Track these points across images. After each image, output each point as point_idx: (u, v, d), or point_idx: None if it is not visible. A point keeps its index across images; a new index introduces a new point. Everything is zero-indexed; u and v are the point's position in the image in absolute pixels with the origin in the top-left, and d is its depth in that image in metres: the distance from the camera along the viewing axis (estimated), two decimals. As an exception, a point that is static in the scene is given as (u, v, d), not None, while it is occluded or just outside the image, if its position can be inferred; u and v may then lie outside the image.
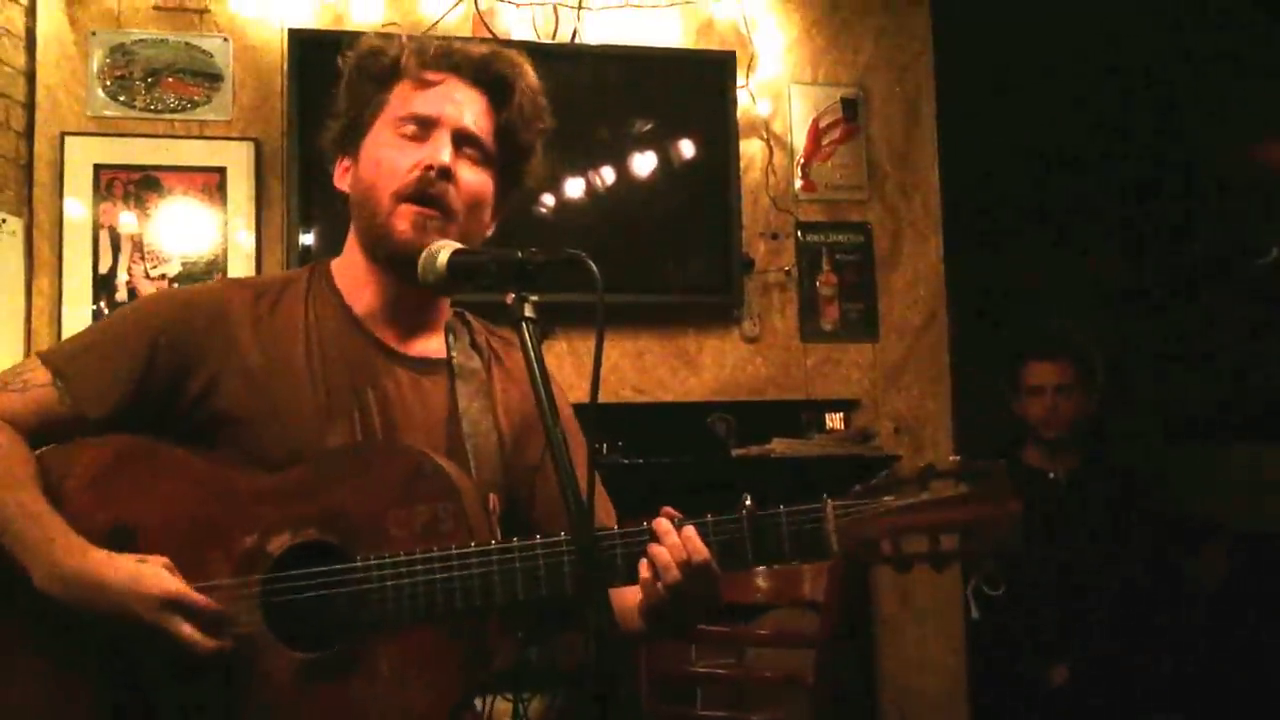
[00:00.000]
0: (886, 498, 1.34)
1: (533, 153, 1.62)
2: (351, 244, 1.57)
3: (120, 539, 1.36)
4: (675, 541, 1.32)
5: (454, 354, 1.57)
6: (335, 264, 1.59)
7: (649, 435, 3.49)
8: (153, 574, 1.30)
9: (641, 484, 3.29)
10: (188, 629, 1.29)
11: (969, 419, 3.99)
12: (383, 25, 3.55)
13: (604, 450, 3.37)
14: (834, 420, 3.72)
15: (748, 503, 1.36)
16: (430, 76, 1.54)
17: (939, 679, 3.76)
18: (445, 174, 1.47)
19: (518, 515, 1.58)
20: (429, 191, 1.47)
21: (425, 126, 1.51)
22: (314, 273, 1.59)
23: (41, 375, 1.45)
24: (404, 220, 1.47)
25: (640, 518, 1.36)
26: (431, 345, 1.58)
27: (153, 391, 1.46)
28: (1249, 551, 4.82)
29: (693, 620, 1.42)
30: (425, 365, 1.55)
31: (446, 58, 1.55)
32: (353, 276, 1.56)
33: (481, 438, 1.53)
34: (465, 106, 1.53)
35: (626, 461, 3.36)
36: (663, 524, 1.34)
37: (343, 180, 1.58)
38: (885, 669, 3.73)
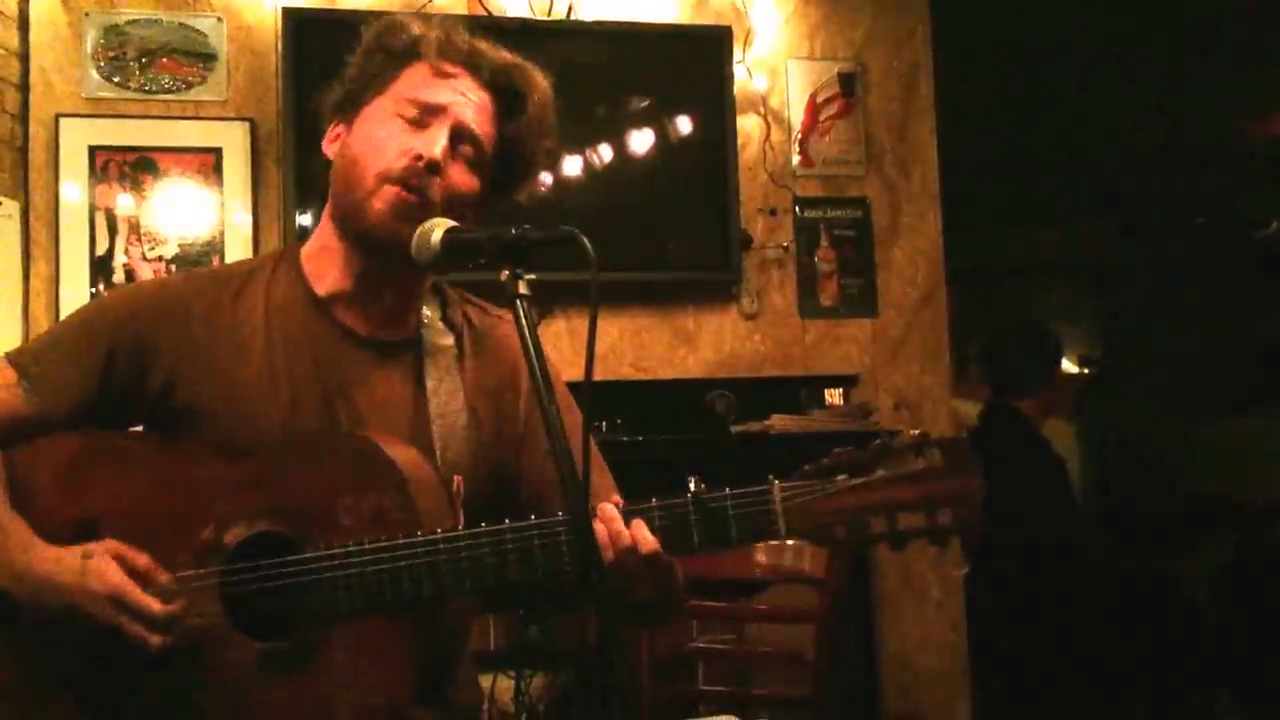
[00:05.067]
0: (839, 476, 1.28)
1: (531, 170, 1.59)
2: (325, 219, 1.53)
3: (86, 533, 1.36)
4: (620, 529, 1.29)
5: (424, 332, 1.54)
6: (306, 245, 1.56)
7: (648, 413, 3.49)
8: (97, 571, 1.30)
9: (640, 461, 3.28)
10: (132, 626, 1.30)
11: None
12: (374, 4, 3.53)
13: (603, 428, 3.38)
14: (833, 396, 3.73)
15: (692, 486, 1.31)
16: (446, 67, 1.49)
17: (939, 654, 3.77)
18: (434, 168, 1.43)
19: (505, 491, 1.54)
20: (412, 182, 1.43)
21: (427, 114, 1.46)
22: (282, 257, 1.56)
23: (9, 375, 1.45)
24: (383, 201, 1.42)
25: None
26: (400, 324, 1.54)
27: (114, 389, 1.45)
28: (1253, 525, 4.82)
29: (651, 607, 1.41)
30: (391, 347, 1.52)
31: (468, 54, 1.51)
32: (322, 255, 1.52)
33: (449, 418, 1.50)
34: (471, 105, 1.49)
35: (625, 439, 3.36)
36: (607, 509, 1.31)
37: (331, 146, 1.53)
38: (885, 644, 3.74)
